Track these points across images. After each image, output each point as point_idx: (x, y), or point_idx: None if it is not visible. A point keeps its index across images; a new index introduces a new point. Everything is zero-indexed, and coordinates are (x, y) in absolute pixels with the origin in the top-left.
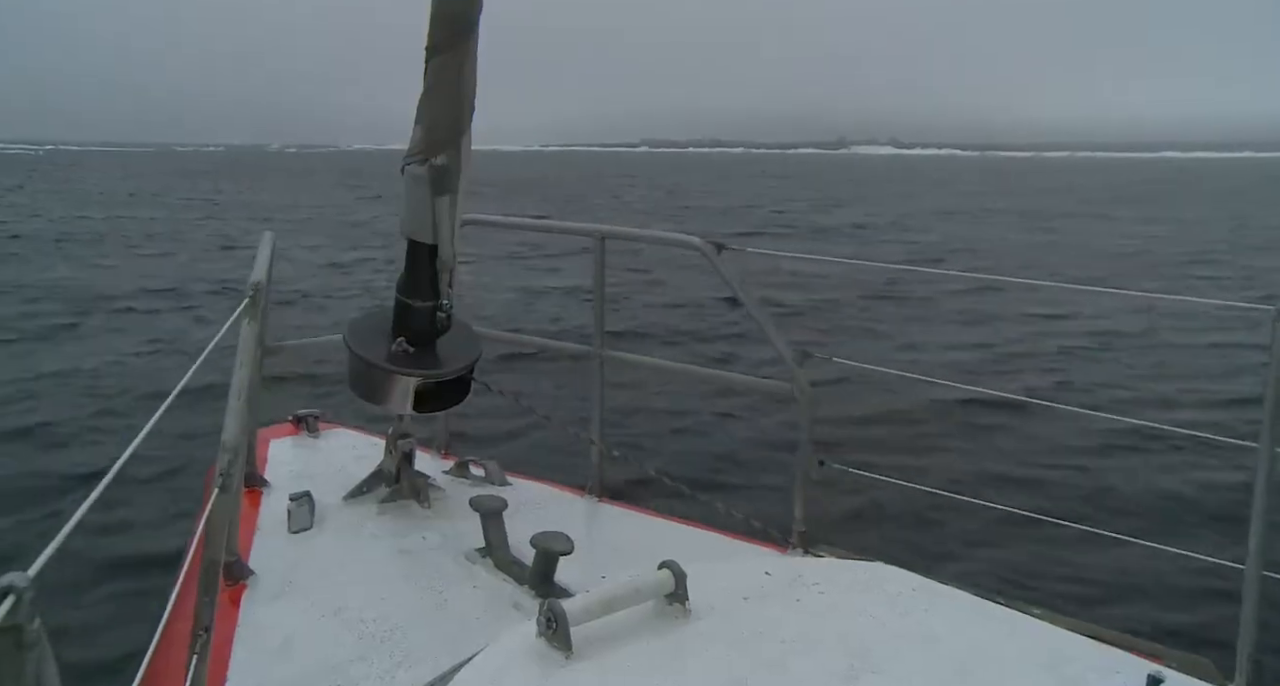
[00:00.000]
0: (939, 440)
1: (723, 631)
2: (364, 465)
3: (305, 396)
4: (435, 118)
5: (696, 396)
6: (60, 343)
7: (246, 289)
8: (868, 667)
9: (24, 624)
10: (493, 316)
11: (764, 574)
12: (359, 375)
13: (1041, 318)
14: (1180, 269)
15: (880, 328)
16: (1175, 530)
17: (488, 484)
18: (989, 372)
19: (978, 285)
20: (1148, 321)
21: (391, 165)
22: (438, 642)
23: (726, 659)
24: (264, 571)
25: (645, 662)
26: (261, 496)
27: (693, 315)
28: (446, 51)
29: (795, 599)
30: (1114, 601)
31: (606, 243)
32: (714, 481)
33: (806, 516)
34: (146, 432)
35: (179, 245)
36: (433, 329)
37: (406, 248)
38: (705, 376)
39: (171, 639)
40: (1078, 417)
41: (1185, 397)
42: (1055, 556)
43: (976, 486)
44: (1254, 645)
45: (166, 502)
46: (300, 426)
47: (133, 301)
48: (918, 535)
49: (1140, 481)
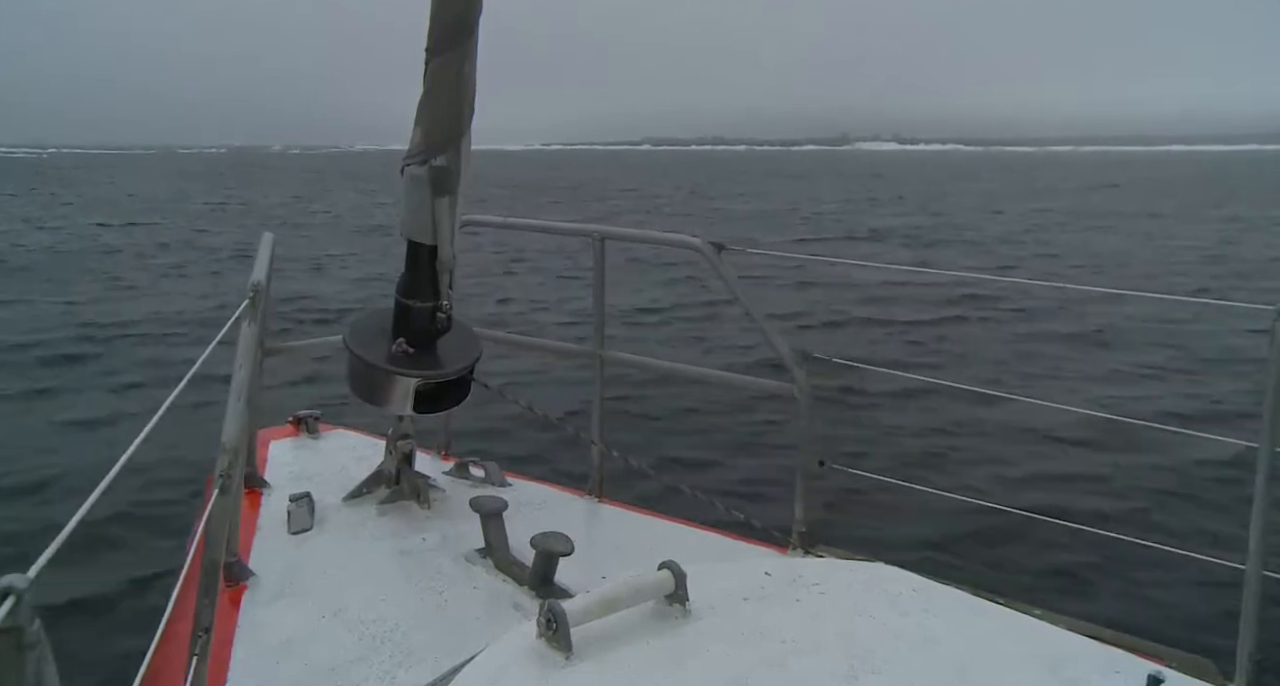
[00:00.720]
0: (939, 440)
1: (723, 631)
2: (364, 466)
3: (305, 397)
4: (435, 119)
5: (696, 396)
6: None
7: (246, 289)
8: (868, 668)
9: (24, 625)
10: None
11: (764, 574)
12: (359, 376)
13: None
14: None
15: (1041, 361)
16: (1176, 530)
17: (488, 484)
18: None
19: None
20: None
21: (396, 166)
22: (438, 643)
23: (726, 659)
24: (264, 572)
25: (645, 663)
26: (261, 497)
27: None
28: (446, 53)
29: (795, 599)
30: (1114, 601)
31: (606, 243)
32: (714, 482)
33: (806, 517)
34: (146, 434)
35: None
36: (433, 329)
37: (406, 248)
38: (705, 377)
39: (171, 639)
40: (1079, 417)
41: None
42: (1055, 556)
43: (977, 487)
44: (1254, 645)
45: (166, 503)
46: (300, 427)
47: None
48: (918, 535)
49: (1141, 481)
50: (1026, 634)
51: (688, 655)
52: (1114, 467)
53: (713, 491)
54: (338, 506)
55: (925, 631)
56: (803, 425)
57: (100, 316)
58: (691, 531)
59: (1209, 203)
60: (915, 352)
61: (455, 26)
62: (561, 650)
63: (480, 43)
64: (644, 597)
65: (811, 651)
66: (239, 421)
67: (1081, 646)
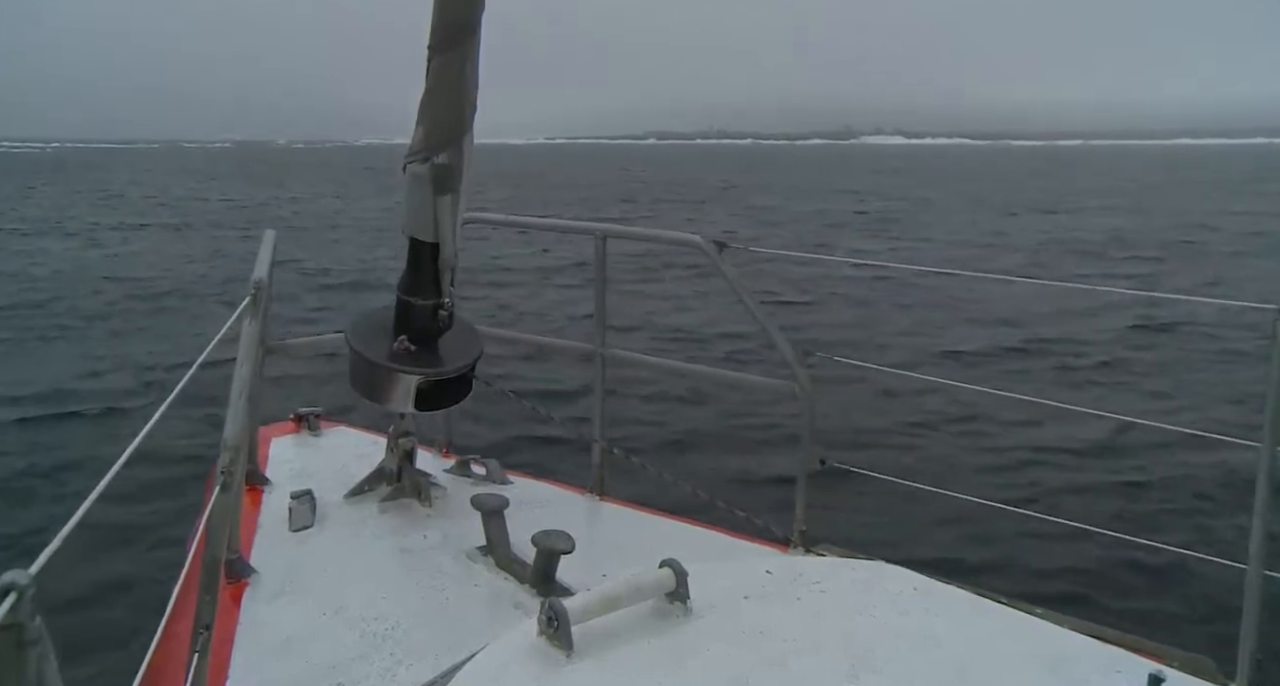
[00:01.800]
0: (941, 439)
1: (723, 630)
2: (365, 463)
3: (307, 394)
4: (437, 117)
5: (698, 394)
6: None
7: (248, 287)
8: (868, 667)
9: (25, 622)
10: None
11: (765, 573)
12: (360, 373)
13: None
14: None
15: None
16: (1178, 530)
17: (489, 482)
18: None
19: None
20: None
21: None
22: (438, 641)
23: (727, 657)
24: (265, 570)
25: (646, 661)
26: (263, 494)
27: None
28: (448, 51)
29: (796, 598)
30: (1115, 600)
31: (608, 241)
32: (715, 480)
33: (807, 515)
34: (148, 431)
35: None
36: (434, 327)
37: (408, 246)
38: (707, 375)
39: (172, 637)
40: (1080, 417)
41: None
42: (1057, 556)
43: (978, 486)
44: (1255, 644)
45: (167, 500)
46: (301, 424)
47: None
48: (919, 534)
49: (1143, 480)
50: (1027, 633)
51: (688, 653)
52: (1117, 467)
53: (714, 489)
54: (339, 504)
55: (926, 630)
56: (805, 423)
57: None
58: (692, 529)
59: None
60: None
61: (457, 25)
62: (562, 648)
63: (482, 39)
64: (645, 596)
65: (812, 650)
66: (241, 418)
67: (1082, 646)
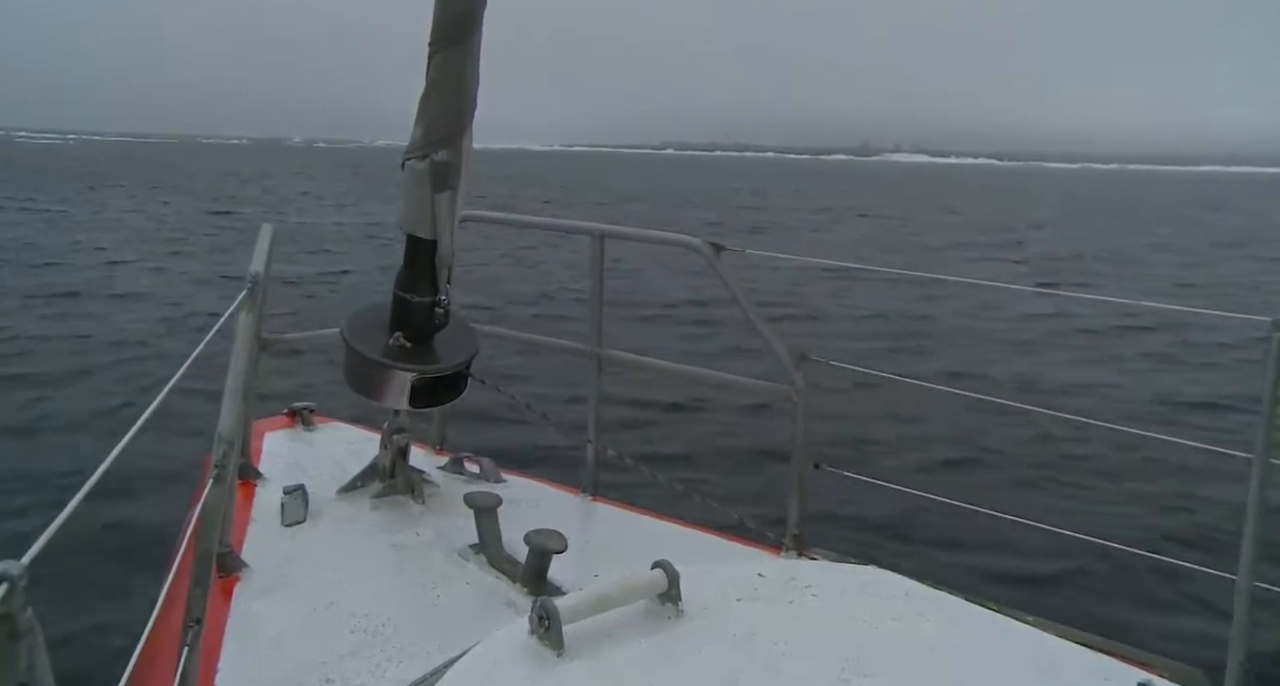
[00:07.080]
0: (935, 444)
1: (715, 632)
2: (358, 459)
3: (300, 389)
4: (436, 114)
5: (693, 396)
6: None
7: (245, 280)
8: (860, 671)
9: (16, 613)
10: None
11: (757, 575)
12: (355, 369)
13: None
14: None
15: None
16: (1168, 538)
17: (482, 481)
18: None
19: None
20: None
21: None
22: (430, 638)
23: (718, 659)
24: (257, 564)
25: (637, 662)
26: (255, 489)
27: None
28: (449, 48)
29: (788, 601)
30: (1105, 608)
31: (605, 241)
32: (709, 482)
33: (801, 519)
34: (142, 423)
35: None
36: (430, 324)
37: (406, 243)
38: (702, 377)
39: (163, 630)
40: (1076, 425)
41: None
42: (1048, 563)
43: (971, 491)
44: (1244, 654)
45: (160, 493)
46: (295, 419)
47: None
48: (912, 539)
49: (1135, 488)
50: (1017, 639)
51: (680, 654)
52: (1110, 475)
53: (707, 491)
54: (331, 499)
55: (917, 636)
56: (799, 427)
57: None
58: (686, 531)
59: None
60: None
61: (458, 22)
62: (553, 647)
63: (492, 39)
64: (637, 596)
65: (803, 653)
66: (235, 412)
67: (1072, 653)
